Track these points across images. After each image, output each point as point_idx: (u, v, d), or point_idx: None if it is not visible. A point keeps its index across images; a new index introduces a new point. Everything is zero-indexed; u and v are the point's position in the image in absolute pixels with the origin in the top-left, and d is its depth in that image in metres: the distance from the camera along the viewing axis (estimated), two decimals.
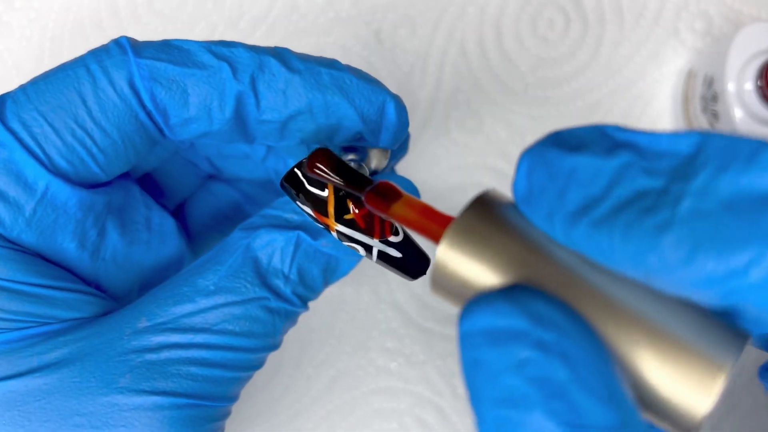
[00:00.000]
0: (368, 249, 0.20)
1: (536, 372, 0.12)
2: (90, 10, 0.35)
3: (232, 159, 0.26)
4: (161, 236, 0.24)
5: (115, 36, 0.34)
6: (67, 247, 0.20)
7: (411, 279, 0.21)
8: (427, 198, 0.31)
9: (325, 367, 0.31)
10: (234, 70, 0.20)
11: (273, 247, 0.20)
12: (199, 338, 0.19)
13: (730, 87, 0.27)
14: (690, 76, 0.31)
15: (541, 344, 0.12)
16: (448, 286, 0.14)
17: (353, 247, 0.20)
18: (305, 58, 0.21)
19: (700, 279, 0.11)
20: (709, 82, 0.28)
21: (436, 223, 0.17)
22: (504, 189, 0.32)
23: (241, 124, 0.21)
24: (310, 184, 0.20)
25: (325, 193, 0.20)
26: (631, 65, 0.32)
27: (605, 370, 0.12)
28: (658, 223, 0.11)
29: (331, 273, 0.22)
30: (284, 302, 0.21)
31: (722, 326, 0.13)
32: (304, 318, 0.31)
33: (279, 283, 0.20)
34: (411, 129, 0.32)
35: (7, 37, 0.35)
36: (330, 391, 0.30)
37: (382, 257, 0.20)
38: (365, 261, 0.31)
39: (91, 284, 0.22)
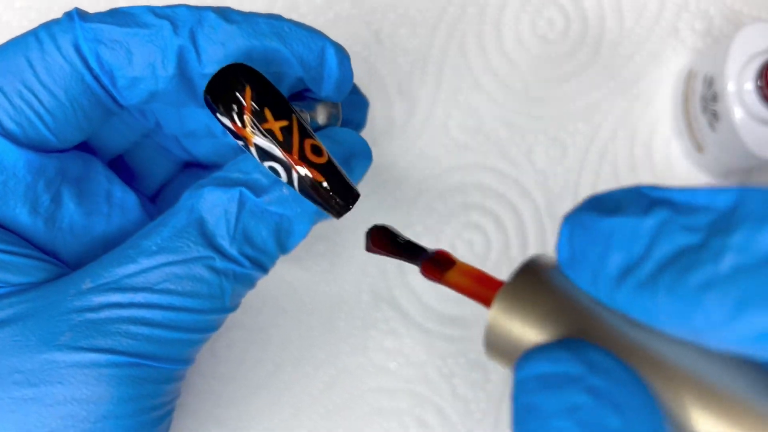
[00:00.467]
0: (288, 170, 0.19)
1: (588, 417, 0.12)
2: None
3: (198, 138, 0.26)
4: (122, 210, 0.24)
5: None
6: (19, 212, 0.21)
7: (336, 214, 0.20)
8: (427, 198, 0.31)
9: (325, 367, 0.31)
10: (174, 27, 0.20)
11: (216, 206, 0.20)
12: (140, 297, 0.19)
13: (730, 87, 0.27)
14: (690, 76, 0.31)
15: (594, 390, 0.12)
16: (500, 346, 0.15)
17: (274, 169, 0.19)
18: (246, 12, 0.21)
19: (749, 335, 0.11)
20: (709, 82, 0.28)
21: (488, 288, 0.17)
22: (504, 188, 0.32)
23: (186, 82, 0.21)
24: (230, 90, 0.19)
25: (243, 102, 0.19)
26: (631, 65, 0.32)
27: (656, 422, 0.12)
28: (701, 281, 0.11)
29: (285, 235, 0.21)
30: (231, 262, 0.20)
31: None
32: (304, 317, 0.31)
33: (224, 243, 0.20)
34: (411, 129, 0.32)
35: (7, 37, 0.35)
36: (330, 390, 0.30)
37: (304, 183, 0.19)
38: (365, 259, 0.31)
39: (49, 254, 0.22)
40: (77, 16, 0.20)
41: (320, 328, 0.31)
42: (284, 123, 0.19)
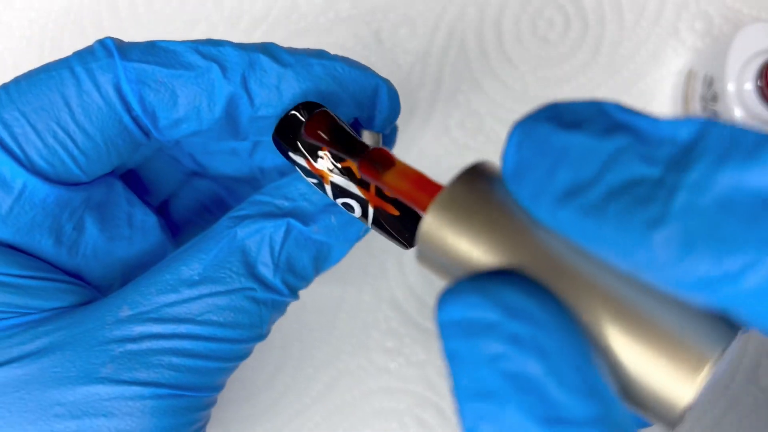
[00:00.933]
0: (364, 206, 0.19)
1: (509, 366, 0.12)
2: (90, 10, 0.35)
3: (217, 155, 0.26)
4: (143, 232, 0.24)
5: (116, 36, 0.34)
6: (45, 243, 0.20)
7: (407, 246, 0.20)
8: None
9: (326, 367, 0.31)
10: (224, 70, 0.20)
11: (261, 235, 0.20)
12: (182, 329, 0.19)
13: (730, 87, 0.27)
14: (690, 76, 0.31)
15: (513, 338, 0.12)
16: (432, 257, 0.14)
17: (348, 205, 0.19)
18: (294, 52, 0.20)
19: (691, 280, 0.11)
20: (709, 82, 0.28)
21: (427, 193, 0.16)
22: None
23: (232, 123, 0.21)
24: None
25: (320, 142, 0.19)
26: (631, 65, 0.32)
27: (583, 362, 0.12)
28: (650, 216, 0.11)
29: (322, 261, 0.21)
30: (272, 292, 0.20)
31: (711, 317, 0.12)
32: (304, 318, 0.31)
33: (267, 273, 0.20)
34: (411, 129, 0.32)
35: (7, 37, 0.35)
36: (330, 390, 0.31)
37: (378, 216, 0.19)
38: (365, 259, 0.31)
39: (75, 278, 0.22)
40: (116, 50, 0.19)
41: (321, 328, 0.31)
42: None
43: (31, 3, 0.35)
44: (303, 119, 0.19)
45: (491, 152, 0.32)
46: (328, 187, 0.19)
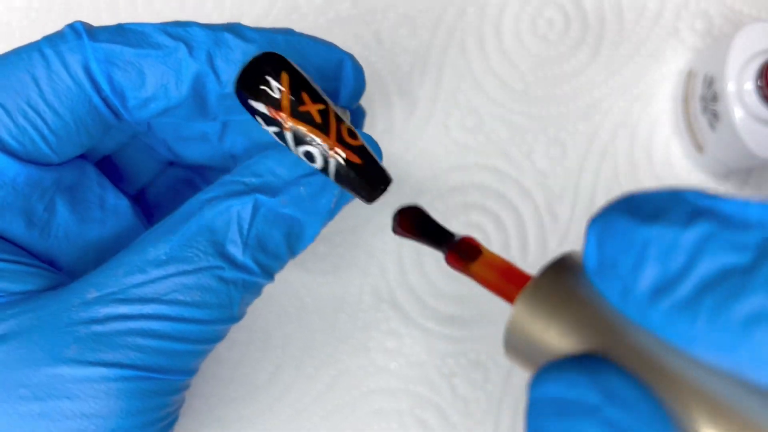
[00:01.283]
0: (325, 155, 0.19)
1: None
2: (90, 10, 0.35)
3: (189, 141, 0.26)
4: (116, 216, 0.24)
5: None
6: (16, 225, 0.20)
7: (368, 200, 0.19)
8: (427, 198, 0.31)
9: (326, 367, 0.31)
10: (190, 48, 0.20)
11: (229, 214, 0.20)
12: (149, 309, 0.19)
13: (730, 87, 0.27)
14: (690, 76, 0.31)
15: (610, 423, 0.11)
16: (520, 347, 0.14)
17: (309, 153, 0.19)
18: (260, 29, 0.21)
19: None
20: (709, 82, 0.28)
21: (514, 284, 0.16)
22: (504, 188, 0.32)
23: (200, 101, 0.21)
24: (265, 76, 0.19)
25: (280, 86, 0.19)
26: (631, 65, 0.32)
27: None
28: (750, 311, 0.10)
29: (295, 238, 0.21)
30: (242, 271, 0.20)
31: None
32: (304, 318, 0.31)
33: (236, 252, 0.20)
34: (411, 129, 0.32)
35: (7, 37, 0.35)
36: (330, 391, 0.31)
37: (341, 166, 0.19)
38: (365, 259, 0.31)
39: (46, 262, 0.21)
40: (85, 33, 0.20)
41: (321, 328, 0.31)
42: (321, 106, 0.19)
43: (31, 3, 0.35)
44: (264, 67, 0.19)
45: (491, 152, 0.32)
46: (288, 135, 0.19)
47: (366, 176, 0.19)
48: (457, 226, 0.31)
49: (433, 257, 0.31)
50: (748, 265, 0.10)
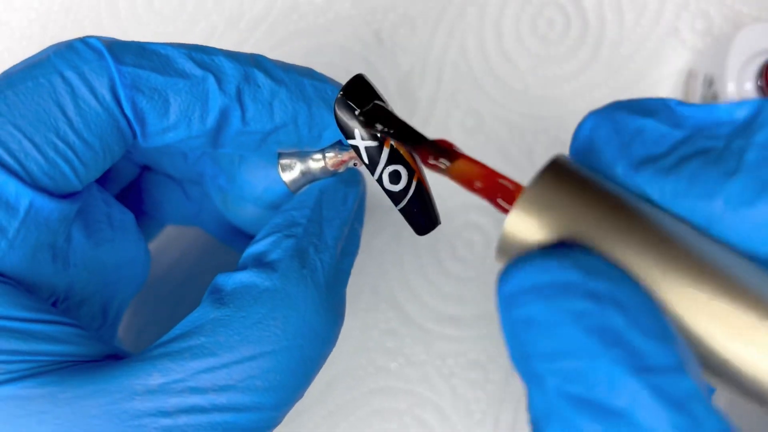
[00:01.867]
0: (410, 176, 0.20)
1: (593, 322, 0.12)
2: (90, 10, 0.35)
3: (166, 156, 0.25)
4: (123, 232, 0.23)
5: (115, 36, 0.34)
6: (45, 262, 0.19)
7: (425, 230, 0.20)
8: None
9: (326, 367, 0.31)
10: (219, 81, 0.19)
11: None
12: (223, 399, 0.17)
13: (730, 87, 0.27)
14: (690, 76, 0.31)
15: (594, 294, 0.12)
16: (516, 250, 0.14)
17: (397, 172, 0.20)
18: (286, 68, 0.20)
19: (764, 223, 0.12)
20: (709, 82, 0.28)
21: (498, 187, 0.16)
22: None
23: (216, 135, 0.20)
24: (370, 95, 0.19)
25: (387, 107, 0.19)
26: (631, 65, 0.32)
27: (657, 313, 0.12)
28: (725, 170, 0.12)
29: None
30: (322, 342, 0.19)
31: None
32: None
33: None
34: None
35: (7, 37, 0.35)
36: (330, 390, 0.31)
37: (417, 193, 0.20)
38: (365, 259, 0.31)
39: (62, 291, 0.20)
40: (107, 52, 0.18)
41: None
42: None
43: (31, 3, 0.35)
44: (369, 82, 0.19)
45: (491, 152, 0.32)
46: (385, 151, 0.19)
47: (430, 208, 0.20)
48: (457, 226, 0.31)
49: (432, 257, 0.31)
50: (721, 147, 0.13)
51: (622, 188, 0.13)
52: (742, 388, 0.12)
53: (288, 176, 0.23)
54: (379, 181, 0.20)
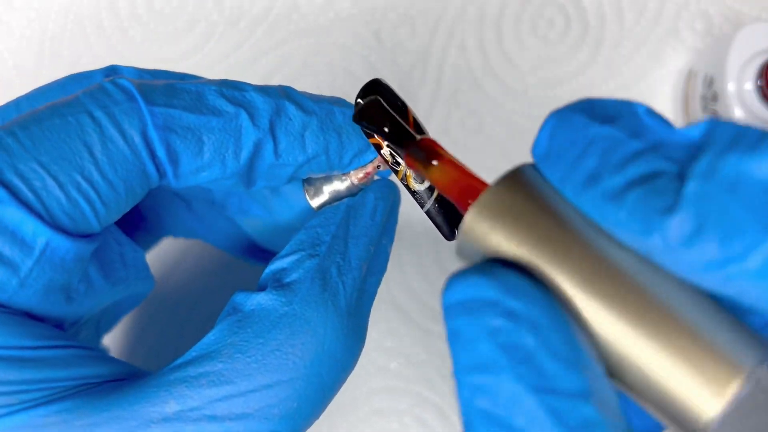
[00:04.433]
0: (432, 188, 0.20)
1: (506, 339, 0.12)
2: (90, 10, 0.35)
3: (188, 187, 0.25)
4: (135, 270, 0.22)
5: (116, 36, 0.34)
6: (58, 304, 0.19)
7: (451, 234, 0.20)
8: None
9: None
10: (251, 116, 0.19)
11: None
12: (240, 427, 0.17)
13: (730, 87, 0.27)
14: (690, 76, 0.31)
15: (510, 313, 0.12)
16: (469, 254, 0.15)
17: (420, 195, 0.20)
18: (315, 99, 0.20)
19: (702, 263, 0.12)
20: (709, 82, 0.28)
21: (472, 193, 0.17)
22: None
23: (249, 172, 0.20)
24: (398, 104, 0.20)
25: (410, 115, 0.20)
26: (631, 65, 0.32)
27: (572, 338, 0.12)
28: (664, 205, 0.12)
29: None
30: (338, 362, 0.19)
31: (746, 329, 0.12)
32: None
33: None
34: None
35: (7, 37, 0.35)
36: None
37: (443, 199, 0.20)
38: None
39: (71, 323, 0.20)
40: (137, 93, 0.18)
41: None
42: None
43: (31, 3, 0.35)
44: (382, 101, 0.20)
45: (491, 152, 0.32)
46: (402, 164, 0.20)
47: (454, 214, 0.20)
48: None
49: (432, 257, 0.31)
50: (674, 172, 0.12)
51: (570, 207, 0.14)
52: (665, 413, 0.12)
53: (317, 202, 0.22)
54: (403, 180, 0.20)
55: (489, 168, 0.32)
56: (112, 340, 0.30)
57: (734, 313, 0.13)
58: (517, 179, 0.14)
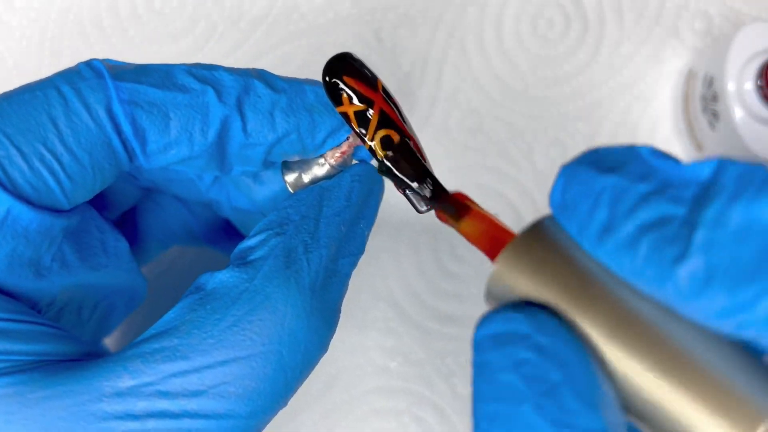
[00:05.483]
0: (402, 138, 0.20)
1: (531, 371, 0.13)
2: (90, 10, 0.35)
3: (176, 182, 0.25)
4: (117, 259, 0.22)
5: (116, 36, 0.34)
6: (26, 277, 0.18)
7: (427, 202, 0.20)
8: None
9: (324, 366, 0.31)
10: (218, 93, 0.19)
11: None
12: (193, 404, 0.17)
13: (730, 87, 0.27)
14: (690, 76, 0.31)
15: (539, 347, 0.13)
16: (498, 299, 0.16)
17: (388, 137, 0.20)
18: (288, 79, 0.20)
19: (714, 310, 0.12)
20: (709, 82, 0.28)
21: (500, 244, 0.17)
22: (504, 188, 0.32)
23: (220, 152, 0.20)
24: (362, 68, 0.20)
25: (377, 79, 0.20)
26: (631, 65, 0.32)
27: (595, 380, 0.13)
28: (676, 253, 0.12)
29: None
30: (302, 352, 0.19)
31: None
32: None
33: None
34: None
35: (7, 37, 0.35)
36: (329, 390, 0.31)
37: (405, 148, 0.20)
38: (364, 259, 0.31)
39: (45, 304, 0.20)
40: (106, 70, 0.18)
41: None
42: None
43: (31, 3, 0.35)
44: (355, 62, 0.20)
45: (491, 152, 0.32)
46: (373, 114, 0.20)
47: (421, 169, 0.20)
48: None
49: (431, 255, 0.31)
50: (683, 216, 0.12)
51: (589, 258, 0.14)
52: None
53: (294, 186, 0.22)
54: (371, 150, 0.20)
55: (489, 168, 0.32)
56: (112, 342, 0.30)
57: (758, 354, 0.13)
58: (539, 231, 0.15)
